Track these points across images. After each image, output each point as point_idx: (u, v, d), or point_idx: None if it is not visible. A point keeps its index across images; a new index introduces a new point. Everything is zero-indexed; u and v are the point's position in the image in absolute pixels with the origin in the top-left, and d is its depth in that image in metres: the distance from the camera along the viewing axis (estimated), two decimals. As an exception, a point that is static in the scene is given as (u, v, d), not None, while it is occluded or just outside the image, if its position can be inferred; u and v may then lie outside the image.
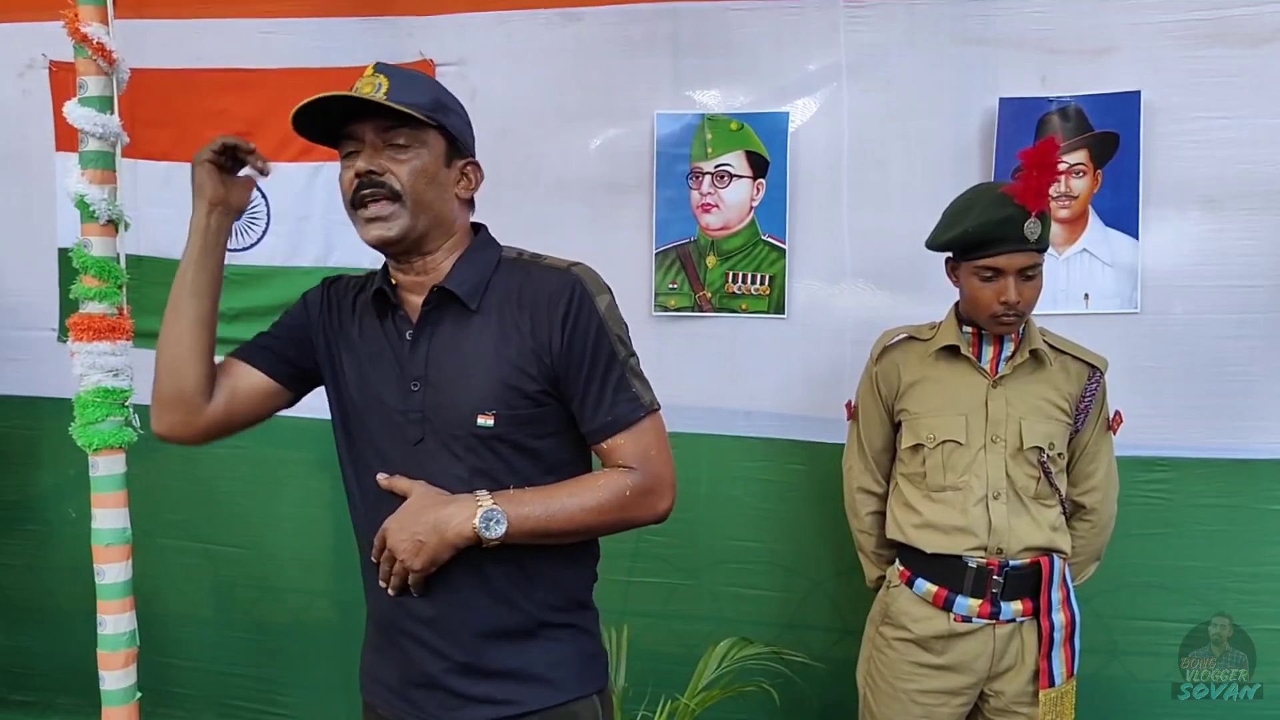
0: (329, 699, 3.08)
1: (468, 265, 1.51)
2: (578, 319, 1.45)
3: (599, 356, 1.47)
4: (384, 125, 1.43)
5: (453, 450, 1.45)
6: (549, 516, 1.42)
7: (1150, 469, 2.58)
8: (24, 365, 3.10)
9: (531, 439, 1.47)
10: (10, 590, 3.24)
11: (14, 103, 3.00)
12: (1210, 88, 2.48)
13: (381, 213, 1.43)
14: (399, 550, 1.41)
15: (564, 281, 1.47)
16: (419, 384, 1.46)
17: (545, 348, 1.45)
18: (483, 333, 1.47)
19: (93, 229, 2.00)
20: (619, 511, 1.47)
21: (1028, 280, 1.97)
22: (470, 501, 1.40)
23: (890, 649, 2.13)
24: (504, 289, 1.49)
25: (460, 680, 1.48)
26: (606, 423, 1.47)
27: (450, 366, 1.46)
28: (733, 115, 2.71)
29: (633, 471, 1.47)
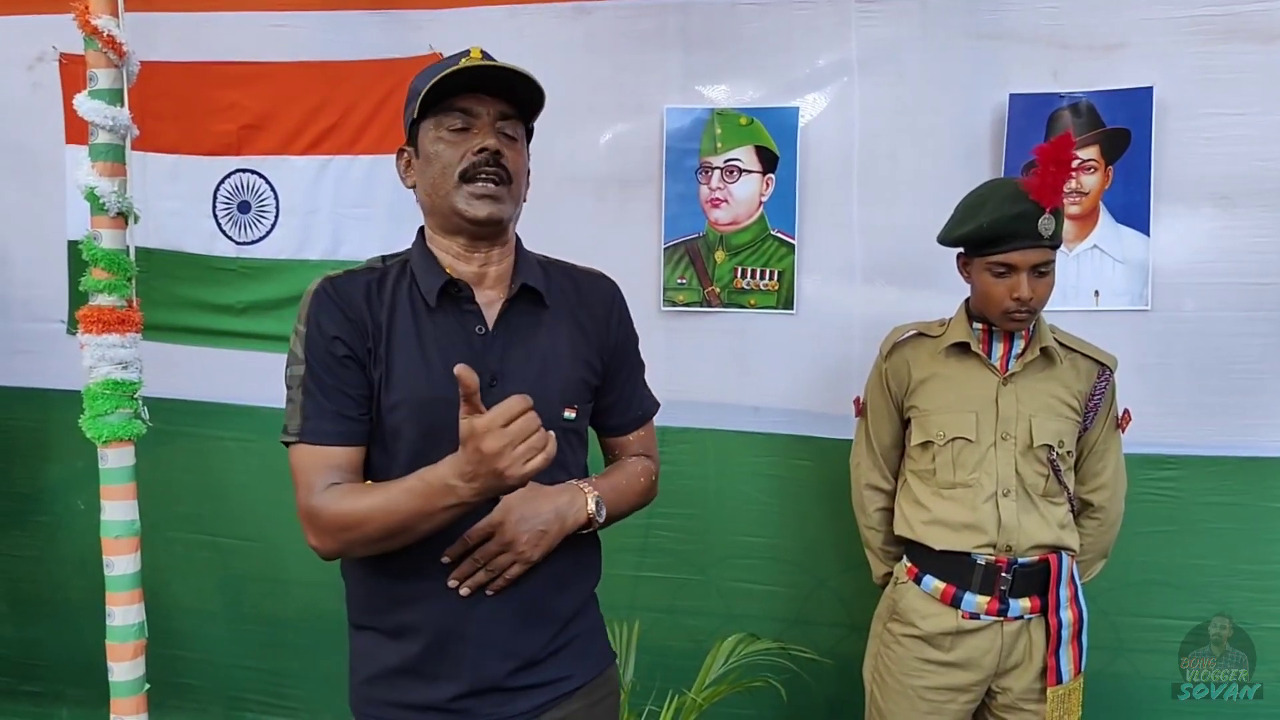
0: (337, 692, 3.07)
1: (528, 263, 1.53)
2: (624, 321, 1.62)
3: (636, 355, 1.66)
4: (502, 110, 1.44)
5: None
6: (620, 502, 1.55)
7: (1159, 466, 2.57)
8: (33, 357, 3.11)
9: (585, 431, 1.59)
10: (20, 582, 3.26)
11: (24, 95, 3.00)
12: (1223, 84, 2.47)
13: (495, 192, 1.42)
14: (520, 541, 1.39)
15: (610, 286, 1.63)
16: (496, 380, 1.43)
17: (604, 345, 1.57)
18: (556, 330, 1.51)
19: (103, 221, 2.01)
20: (648, 495, 1.64)
21: (1040, 277, 1.97)
22: (575, 490, 1.47)
23: (898, 645, 2.13)
24: (560, 289, 1.55)
25: (521, 675, 1.46)
26: (637, 416, 1.66)
27: (531, 362, 1.47)
28: (742, 110, 2.70)
29: (650, 459, 1.66)
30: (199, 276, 2.95)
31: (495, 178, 1.42)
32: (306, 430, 1.40)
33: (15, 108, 3.02)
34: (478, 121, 1.43)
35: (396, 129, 2.79)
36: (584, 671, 1.55)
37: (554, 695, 1.50)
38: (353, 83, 2.84)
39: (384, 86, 2.82)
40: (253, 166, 2.91)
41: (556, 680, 1.50)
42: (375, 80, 2.83)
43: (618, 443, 1.66)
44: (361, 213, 2.89)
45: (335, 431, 1.40)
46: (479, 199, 1.42)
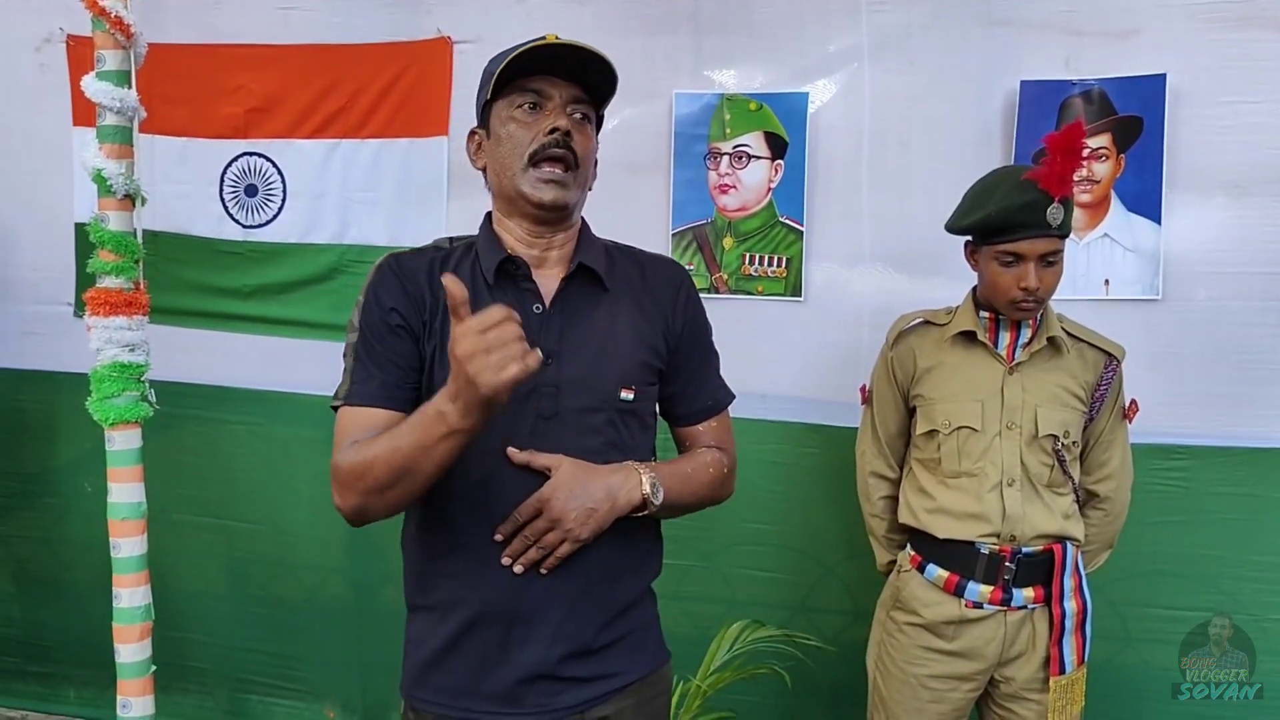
0: (343, 674, 3.10)
1: (591, 246, 1.52)
2: (689, 303, 1.57)
3: (706, 343, 1.61)
4: (575, 94, 1.43)
5: (590, 424, 1.44)
6: (683, 490, 1.49)
7: (1169, 456, 2.56)
8: (41, 340, 3.12)
9: (650, 415, 1.54)
10: (27, 563, 3.27)
11: (31, 77, 3.00)
12: (1237, 72, 2.44)
13: (562, 178, 1.41)
14: (568, 519, 1.36)
15: (677, 269, 1.61)
16: (552, 358, 1.42)
17: (669, 328, 1.53)
18: (615, 310, 1.49)
19: (110, 204, 2.01)
20: (720, 489, 1.58)
21: (1048, 266, 1.95)
22: (631, 470, 1.42)
23: (901, 634, 2.12)
24: (623, 271, 1.53)
25: (570, 664, 1.44)
26: (708, 405, 1.59)
27: (589, 342, 1.45)
28: (752, 95, 2.69)
29: (724, 452, 1.59)
30: (206, 260, 2.96)
31: (564, 161, 1.41)
32: (351, 394, 1.42)
33: (22, 89, 3.02)
34: (550, 103, 1.43)
35: (404, 112, 2.83)
36: (637, 668, 1.52)
37: (604, 690, 1.47)
38: (360, 66, 2.83)
39: (392, 70, 2.82)
40: (260, 150, 2.90)
41: (608, 675, 1.48)
42: (383, 64, 2.82)
43: (688, 433, 1.60)
44: (369, 196, 2.88)
45: (378, 394, 1.40)
46: (545, 183, 1.41)
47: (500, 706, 1.43)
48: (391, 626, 3.00)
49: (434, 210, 2.85)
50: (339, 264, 2.92)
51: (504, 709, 1.43)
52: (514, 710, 1.43)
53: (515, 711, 1.43)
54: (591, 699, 1.46)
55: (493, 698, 1.43)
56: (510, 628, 1.42)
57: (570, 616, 1.43)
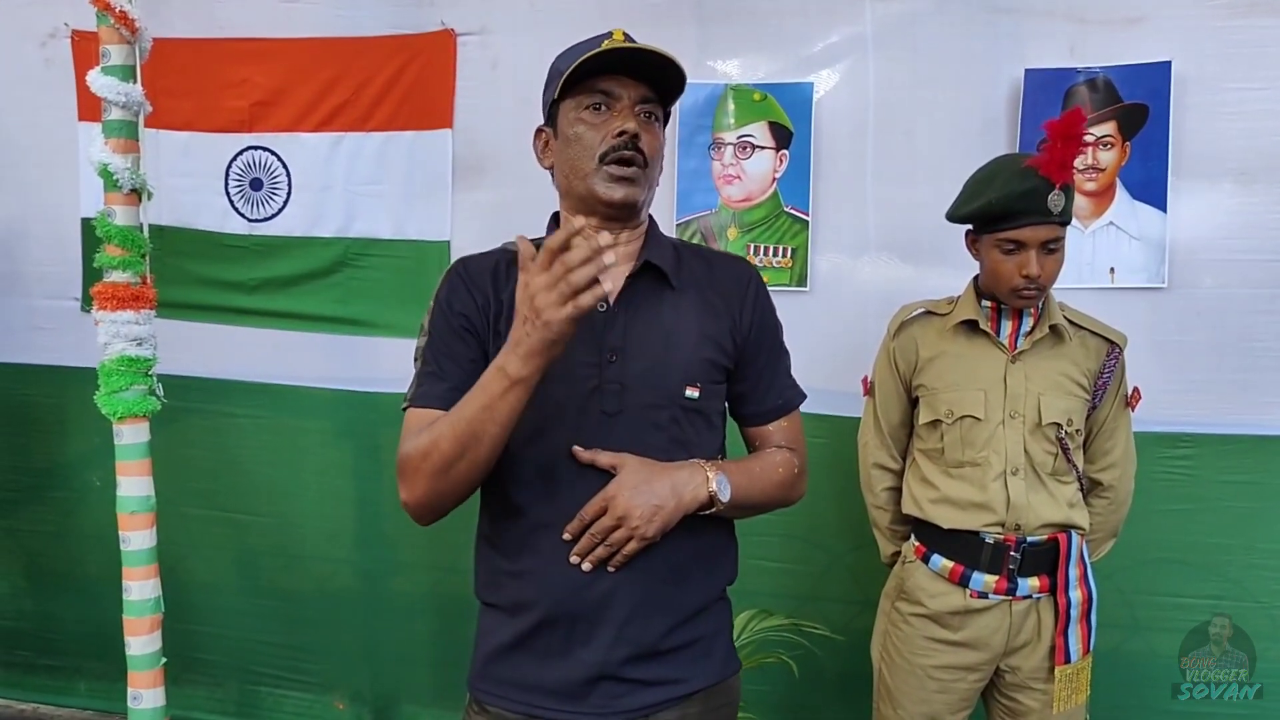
0: (352, 665, 3.11)
1: (659, 244, 1.52)
2: (759, 302, 1.55)
3: (776, 341, 1.58)
4: (643, 94, 1.43)
5: (655, 421, 1.43)
6: (750, 488, 1.47)
7: (1175, 445, 2.55)
8: (49, 334, 3.13)
9: (716, 414, 1.52)
10: (38, 557, 3.29)
11: (37, 72, 3.01)
12: (1242, 58, 2.44)
13: (633, 175, 1.42)
14: (633, 516, 1.35)
15: (748, 268, 1.58)
16: (616, 355, 1.42)
17: (737, 326, 1.51)
18: (681, 308, 1.48)
19: (116, 198, 2.02)
20: (789, 490, 1.55)
21: (1050, 254, 1.95)
22: (697, 467, 1.42)
23: (906, 624, 2.13)
24: (691, 269, 1.52)
25: (634, 667, 1.42)
26: (778, 405, 1.57)
27: (653, 339, 1.45)
28: (756, 85, 2.68)
29: (795, 453, 1.56)
30: (211, 253, 2.96)
31: (634, 162, 1.41)
32: (418, 396, 1.43)
33: (27, 84, 3.03)
34: (618, 104, 1.43)
35: (409, 105, 2.83)
36: (704, 676, 1.49)
37: (669, 696, 1.45)
38: (365, 59, 2.83)
39: (396, 63, 2.82)
40: (265, 144, 2.91)
41: (673, 680, 1.45)
42: (388, 57, 2.82)
43: (757, 433, 1.59)
44: (374, 189, 2.89)
45: (443, 396, 1.40)
46: (616, 181, 1.42)
47: (563, 704, 1.43)
48: (401, 617, 3.04)
49: (439, 203, 2.86)
50: (344, 257, 2.93)
51: (566, 707, 1.43)
52: (576, 709, 1.42)
53: (578, 710, 1.42)
54: (655, 703, 1.44)
55: (556, 694, 1.43)
56: (574, 626, 1.42)
57: (635, 617, 1.42)
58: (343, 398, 2.93)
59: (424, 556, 2.98)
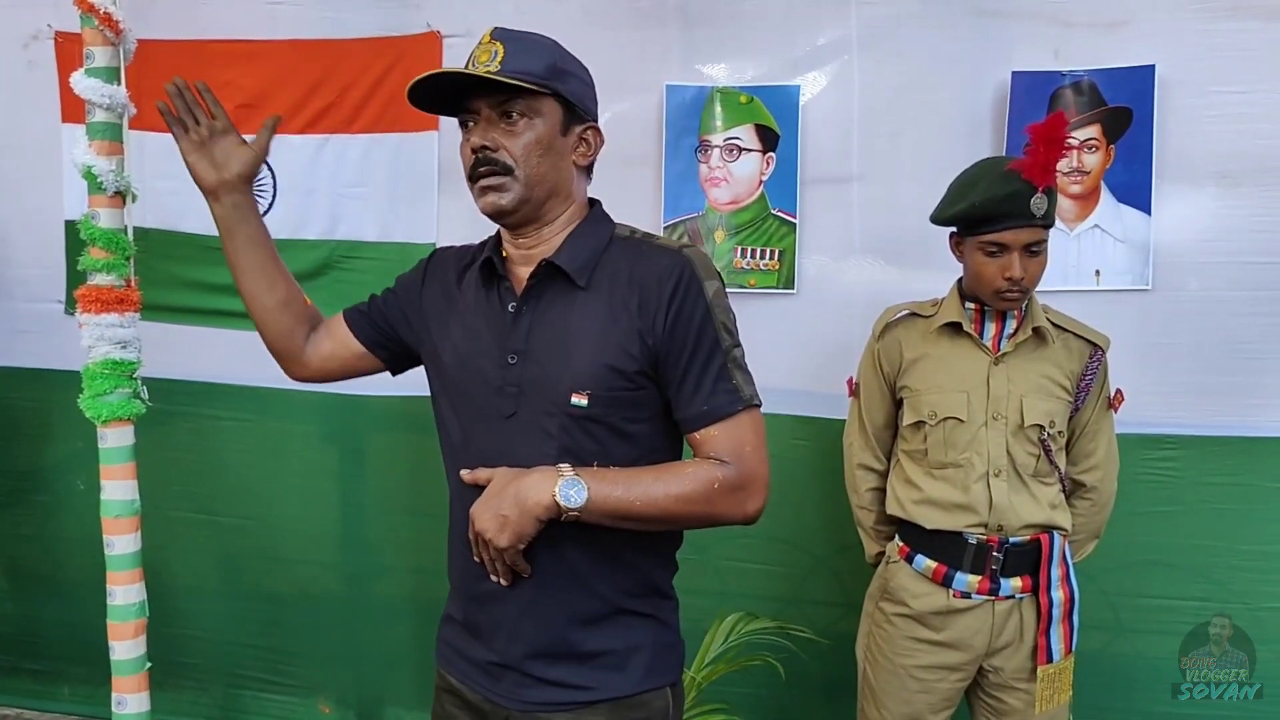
0: (337, 668, 3.10)
1: (580, 241, 1.48)
2: (684, 301, 1.41)
3: (702, 342, 1.42)
4: (498, 98, 1.42)
5: (545, 428, 1.42)
6: (631, 498, 1.36)
7: (1159, 446, 2.57)
8: (32, 338, 3.11)
9: (627, 422, 1.43)
10: (21, 561, 3.27)
11: (19, 74, 2.99)
12: (1226, 62, 2.45)
13: (494, 184, 1.43)
14: (485, 530, 1.36)
15: (674, 262, 1.44)
16: (516, 357, 1.44)
17: (650, 328, 1.41)
18: (588, 310, 1.43)
19: (100, 200, 2.00)
20: (705, 504, 1.40)
21: (1033, 256, 1.96)
22: (551, 472, 1.36)
23: (889, 624, 2.13)
24: (614, 267, 1.46)
25: (536, 664, 1.46)
26: (702, 411, 1.42)
27: (551, 342, 1.43)
28: (743, 88, 2.69)
29: (725, 465, 1.41)
30: (196, 256, 2.94)
31: (491, 173, 1.42)
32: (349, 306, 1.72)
33: (10, 87, 3.01)
34: (478, 118, 1.44)
35: (394, 108, 2.82)
36: (611, 687, 1.46)
37: (570, 700, 1.46)
38: (350, 61, 2.83)
39: (381, 65, 2.81)
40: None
41: (576, 685, 1.46)
42: (373, 59, 2.82)
43: (691, 441, 1.46)
44: (359, 192, 2.88)
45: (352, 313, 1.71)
46: (483, 192, 1.44)
47: (483, 680, 1.52)
48: (384, 620, 3.03)
49: (425, 205, 2.85)
50: (330, 259, 2.92)
51: (484, 684, 1.52)
52: (491, 688, 1.51)
53: (492, 690, 1.51)
54: (554, 703, 1.46)
55: (479, 669, 1.52)
56: (481, 618, 1.51)
57: (522, 619, 1.45)
58: (328, 401, 2.92)
59: (408, 560, 2.98)
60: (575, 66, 1.49)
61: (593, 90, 1.53)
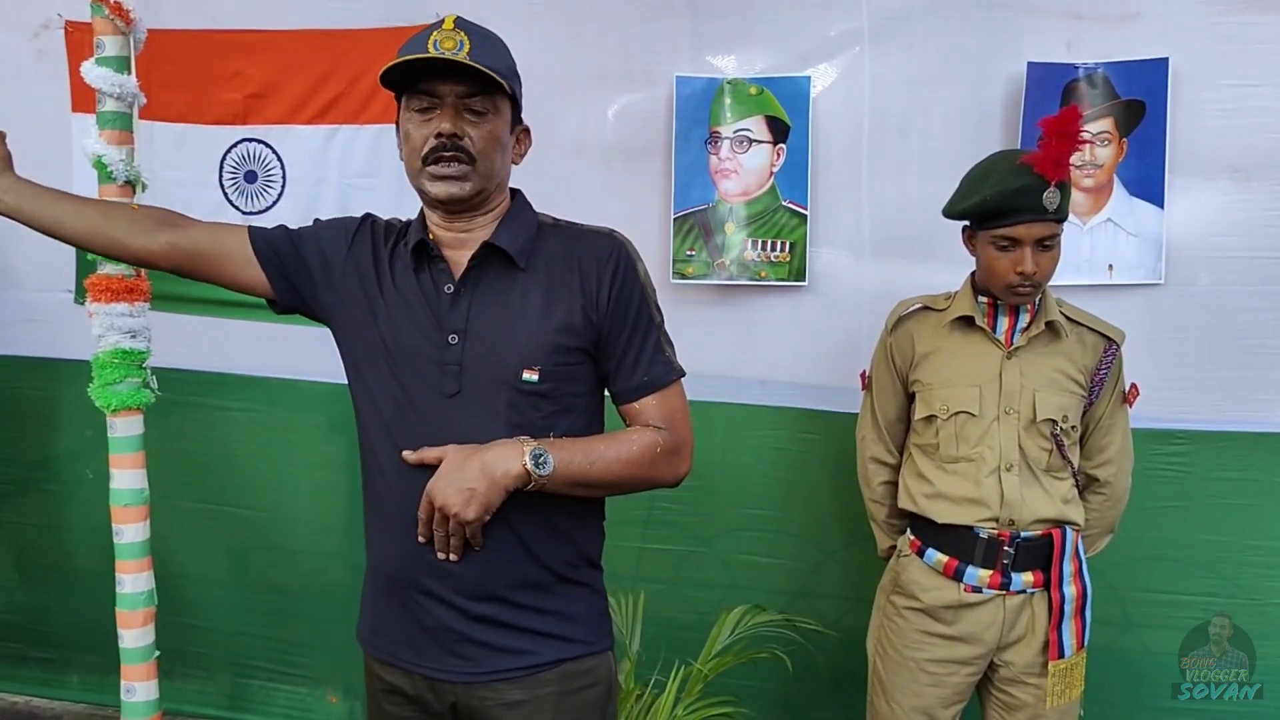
0: (344, 659, 3.11)
1: (513, 226, 1.54)
2: (624, 280, 1.53)
3: (640, 319, 1.54)
4: (466, 88, 1.45)
5: (492, 405, 1.47)
6: (589, 464, 1.46)
7: (1169, 441, 2.56)
8: (42, 327, 3.12)
9: (570, 396, 1.52)
10: (30, 549, 3.28)
11: (29, 64, 2.99)
12: (1240, 55, 2.44)
13: (455, 173, 1.46)
14: (450, 505, 1.39)
15: (611, 244, 1.56)
16: (458, 337, 1.48)
17: (593, 305, 1.50)
18: (529, 290, 1.50)
19: (110, 190, 2.01)
20: (648, 468, 1.51)
21: (1045, 250, 1.95)
22: (514, 444, 1.42)
23: (900, 618, 2.13)
24: (549, 250, 1.54)
25: (479, 629, 1.49)
26: (642, 383, 1.54)
27: (495, 321, 1.48)
28: (752, 80, 2.68)
29: (661, 431, 1.53)
30: (206, 246, 2.94)
31: (455, 159, 1.45)
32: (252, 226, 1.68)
33: (21, 76, 3.01)
34: (441, 103, 1.46)
35: (403, 98, 2.81)
36: (555, 650, 1.53)
37: (517, 666, 1.50)
38: (359, 51, 2.82)
39: (390, 55, 2.78)
40: (259, 136, 2.90)
41: (521, 650, 1.50)
42: (382, 48, 2.80)
43: (627, 411, 1.57)
44: (368, 182, 2.88)
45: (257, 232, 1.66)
46: (439, 180, 1.47)
47: (415, 656, 1.53)
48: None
49: (433, 195, 2.85)
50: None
51: (416, 660, 1.53)
52: (424, 663, 1.52)
53: (425, 664, 1.52)
54: (507, 669, 1.49)
55: (410, 647, 1.53)
56: (414, 592, 1.51)
57: (461, 588, 1.48)
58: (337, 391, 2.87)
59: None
60: (516, 68, 1.56)
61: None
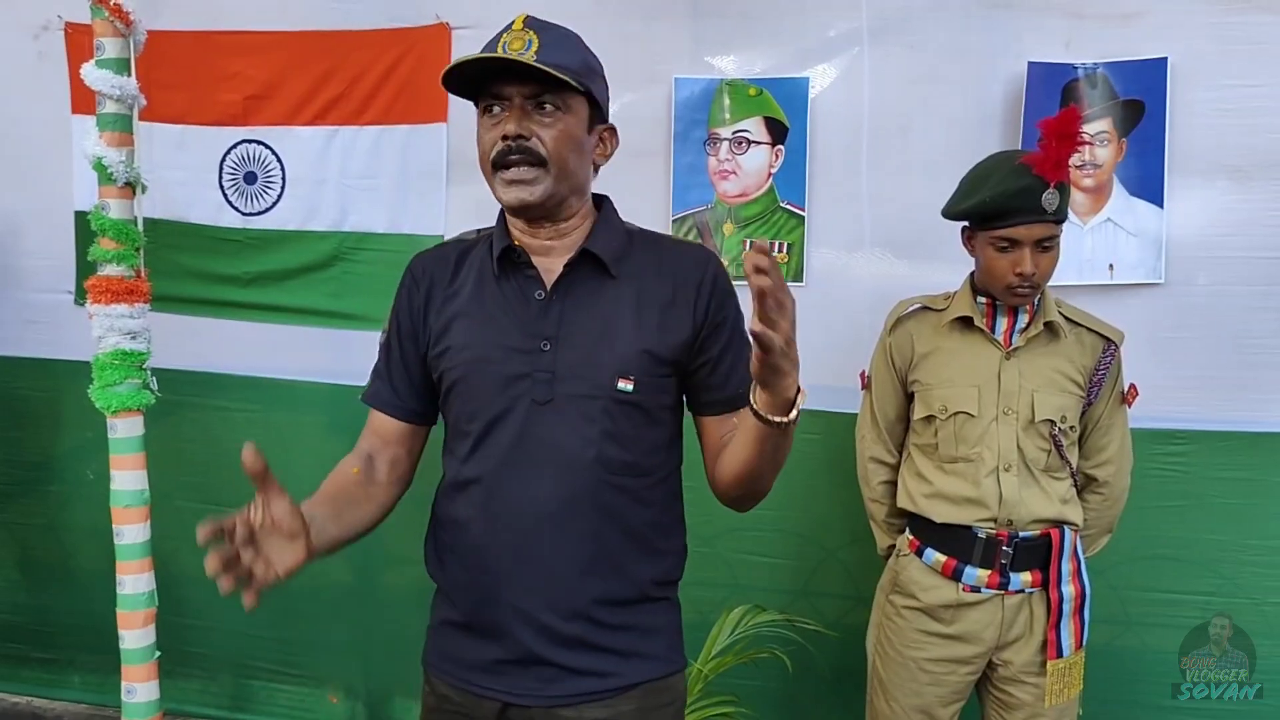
0: (346, 659, 3.11)
1: (605, 232, 1.50)
2: (718, 293, 1.49)
3: (737, 330, 1.51)
4: (533, 88, 1.40)
5: (586, 412, 1.42)
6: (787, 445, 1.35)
7: (1170, 441, 2.56)
8: (42, 328, 3.12)
9: (659, 409, 1.48)
10: (31, 550, 3.28)
11: (30, 65, 2.99)
12: (1239, 54, 2.43)
13: (524, 176, 1.40)
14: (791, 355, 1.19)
15: (704, 254, 1.54)
16: (549, 344, 1.43)
17: (690, 314, 1.47)
18: (622, 298, 1.46)
19: (110, 191, 2.02)
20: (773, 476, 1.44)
21: (1044, 251, 1.95)
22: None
23: (899, 617, 2.13)
24: (641, 259, 1.50)
25: (566, 653, 1.45)
26: (740, 394, 1.40)
27: (589, 329, 1.44)
28: (752, 81, 2.68)
29: None
30: (205, 247, 2.95)
31: (522, 162, 1.40)
32: (368, 393, 1.60)
33: (21, 78, 3.01)
34: (508, 104, 1.41)
35: (404, 99, 2.82)
36: (636, 672, 1.48)
37: (600, 689, 1.46)
38: (360, 52, 2.83)
39: (391, 56, 2.81)
40: (259, 137, 2.90)
41: (603, 673, 1.46)
42: (382, 50, 2.81)
43: (712, 423, 1.51)
44: (368, 183, 2.88)
45: (384, 399, 1.57)
46: (509, 185, 1.41)
47: (492, 681, 1.47)
48: (394, 611, 3.04)
49: (433, 197, 2.85)
50: (338, 251, 2.92)
51: (494, 685, 1.47)
52: (503, 688, 1.47)
53: (505, 690, 1.46)
54: (582, 693, 1.45)
55: (489, 672, 1.47)
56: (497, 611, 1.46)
57: (551, 605, 1.44)
58: (337, 392, 2.92)
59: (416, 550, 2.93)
60: (599, 66, 1.51)
61: (608, 91, 1.54)
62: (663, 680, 1.51)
